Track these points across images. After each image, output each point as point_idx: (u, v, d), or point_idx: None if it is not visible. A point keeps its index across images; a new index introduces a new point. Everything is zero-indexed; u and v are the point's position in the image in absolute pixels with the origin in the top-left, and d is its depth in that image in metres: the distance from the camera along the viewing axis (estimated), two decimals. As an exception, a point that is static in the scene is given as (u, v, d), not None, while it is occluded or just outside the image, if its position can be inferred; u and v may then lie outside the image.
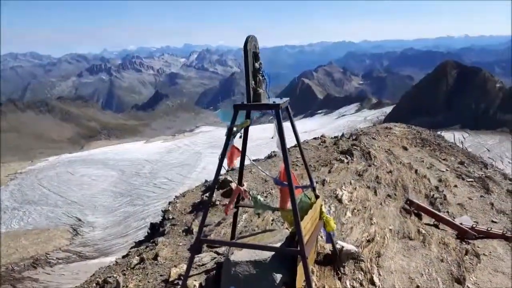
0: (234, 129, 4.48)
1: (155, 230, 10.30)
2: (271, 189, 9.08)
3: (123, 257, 9.18)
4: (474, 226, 9.41)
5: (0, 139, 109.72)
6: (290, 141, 4.94)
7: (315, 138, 16.95)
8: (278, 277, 4.31)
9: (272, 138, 4.55)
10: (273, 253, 4.46)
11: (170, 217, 9.76)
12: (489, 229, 9.46)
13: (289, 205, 4.57)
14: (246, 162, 5.26)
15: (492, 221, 10.81)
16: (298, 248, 4.11)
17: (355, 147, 13.20)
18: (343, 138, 15.35)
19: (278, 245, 4.53)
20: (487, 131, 76.87)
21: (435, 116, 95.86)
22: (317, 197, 5.04)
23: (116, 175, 60.02)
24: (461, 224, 9.34)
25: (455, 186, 13.26)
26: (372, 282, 5.57)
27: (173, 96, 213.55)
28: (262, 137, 59.00)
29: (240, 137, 4.72)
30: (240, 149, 4.96)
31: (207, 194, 10.20)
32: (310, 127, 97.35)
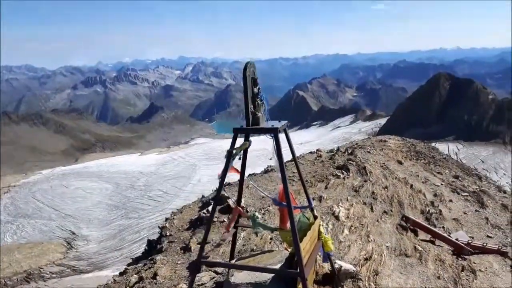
0: (234, 151, 4.56)
1: (152, 247, 10.26)
2: (269, 206, 9.13)
3: (121, 274, 9.14)
4: (470, 241, 9.49)
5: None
6: (286, 155, 4.96)
7: (311, 152, 17.06)
8: (278, 298, 4.36)
9: (270, 159, 4.65)
10: (273, 274, 4.51)
11: (168, 234, 9.75)
12: (484, 244, 9.54)
13: (288, 226, 4.64)
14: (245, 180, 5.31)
15: (488, 236, 10.89)
16: (298, 270, 4.16)
17: (351, 162, 13.30)
18: (338, 153, 15.47)
19: (277, 266, 4.58)
20: (481, 143, 77.60)
21: (429, 127, 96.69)
22: (315, 217, 5.12)
23: (110, 188, 59.65)
24: (457, 239, 9.41)
25: (450, 200, 13.36)
26: (370, 301, 5.62)
27: (168, 108, 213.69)
28: (257, 149, 59.02)
29: (240, 158, 4.80)
30: (239, 169, 5.04)
31: (204, 211, 10.22)
32: (305, 139, 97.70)
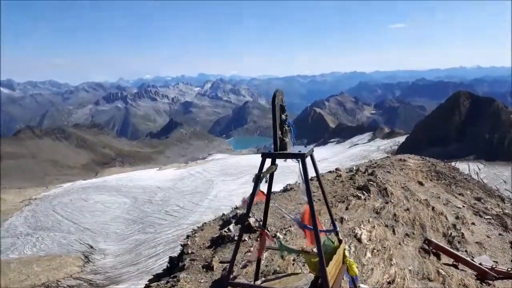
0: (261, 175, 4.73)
1: (174, 264, 10.40)
2: (290, 226, 9.20)
3: (142, 291, 9.28)
4: (494, 266, 9.33)
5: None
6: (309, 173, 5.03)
7: (330, 172, 17.06)
8: (303, 321, 4.42)
9: (297, 182, 4.79)
10: (298, 297, 4.58)
11: (189, 252, 9.89)
12: (509, 269, 9.36)
13: (311, 247, 4.74)
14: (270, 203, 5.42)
15: (512, 261, 10.67)
16: (324, 294, 4.23)
17: (371, 182, 13.26)
18: (358, 173, 15.44)
19: (303, 289, 4.66)
20: (503, 162, 75.67)
21: (448, 146, 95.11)
22: (340, 241, 5.19)
23: (129, 202, 60.34)
24: (480, 264, 9.28)
25: (473, 223, 13.16)
26: (393, 326, 5.60)
27: (187, 124, 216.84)
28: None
29: (266, 181, 4.94)
30: (265, 192, 5.19)
31: (225, 229, 10.35)
32: (322, 156, 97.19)
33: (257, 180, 4.71)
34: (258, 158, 4.73)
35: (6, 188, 75.54)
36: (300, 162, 4.57)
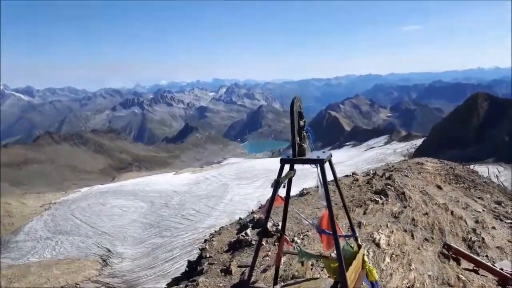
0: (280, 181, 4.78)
1: (193, 268, 10.50)
2: (307, 231, 9.22)
3: (161, 294, 9.40)
4: (516, 272, 9.16)
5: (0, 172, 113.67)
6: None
7: (347, 176, 16.99)
8: (323, 326, 4.45)
9: (316, 187, 4.84)
10: (318, 301, 4.61)
11: (207, 256, 9.99)
12: (532, 275, 9.17)
13: (329, 252, 4.76)
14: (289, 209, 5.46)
15: (535, 267, 10.42)
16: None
17: (389, 186, 13.17)
18: (376, 177, 15.33)
19: (323, 294, 4.69)
20: (524, 165, 73.79)
21: (466, 149, 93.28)
22: (359, 246, 5.20)
23: (145, 206, 60.79)
24: (501, 269, 9.12)
25: (493, 228, 12.93)
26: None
27: (202, 128, 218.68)
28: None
29: (284, 186, 4.99)
30: (283, 197, 5.24)
31: (243, 233, 10.42)
32: (338, 159, 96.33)
33: (276, 185, 4.77)
34: (272, 162, 4.82)
35: (27, 193, 77.26)
36: (318, 168, 4.60)
